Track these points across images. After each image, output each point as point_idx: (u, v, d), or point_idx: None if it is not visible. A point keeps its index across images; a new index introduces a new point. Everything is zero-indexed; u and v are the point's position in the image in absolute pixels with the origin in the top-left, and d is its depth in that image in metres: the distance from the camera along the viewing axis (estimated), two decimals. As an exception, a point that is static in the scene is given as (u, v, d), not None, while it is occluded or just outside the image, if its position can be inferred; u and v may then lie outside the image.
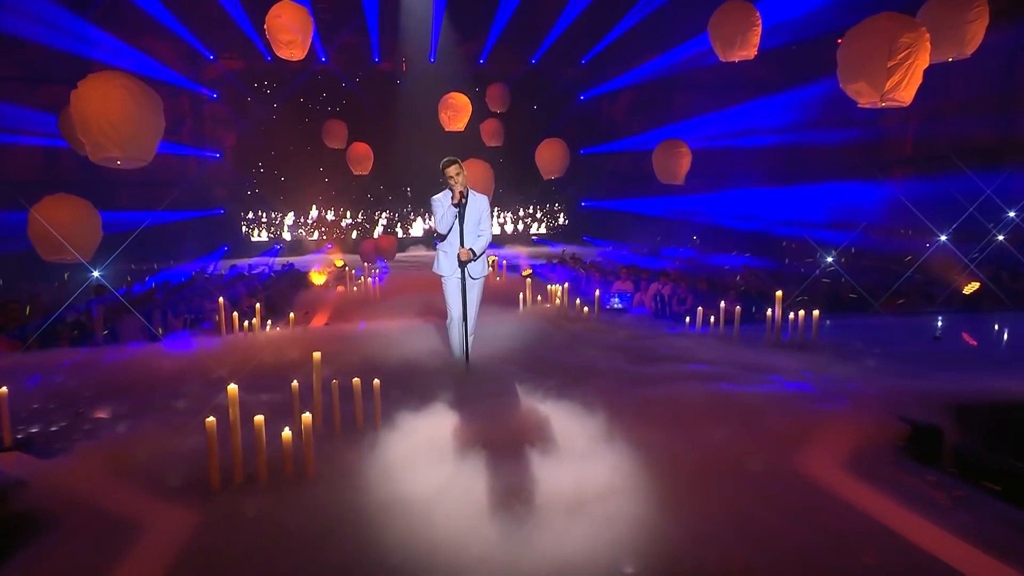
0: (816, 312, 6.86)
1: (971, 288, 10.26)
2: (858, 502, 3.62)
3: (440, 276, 6.20)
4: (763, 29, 8.84)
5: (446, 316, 6.29)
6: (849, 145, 16.00)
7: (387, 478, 3.85)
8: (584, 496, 3.56)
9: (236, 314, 7.82)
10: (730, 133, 16.95)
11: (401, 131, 18.23)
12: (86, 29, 14.40)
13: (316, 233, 20.57)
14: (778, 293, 6.95)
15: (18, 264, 9.97)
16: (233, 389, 3.98)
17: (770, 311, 7.00)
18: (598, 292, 9.14)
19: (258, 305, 7.99)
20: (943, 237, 11.39)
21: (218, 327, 7.95)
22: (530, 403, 4.95)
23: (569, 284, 9.85)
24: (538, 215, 21.96)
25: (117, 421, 4.79)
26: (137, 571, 3.14)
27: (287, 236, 20.32)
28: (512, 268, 13.65)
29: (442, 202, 5.96)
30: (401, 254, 17.91)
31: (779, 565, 3.08)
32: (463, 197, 5.86)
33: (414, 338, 7.26)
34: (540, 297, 9.31)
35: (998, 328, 8.16)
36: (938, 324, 8.16)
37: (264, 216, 20.22)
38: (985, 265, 10.56)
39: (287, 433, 3.98)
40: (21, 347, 7.36)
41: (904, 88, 5.89)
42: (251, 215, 20.06)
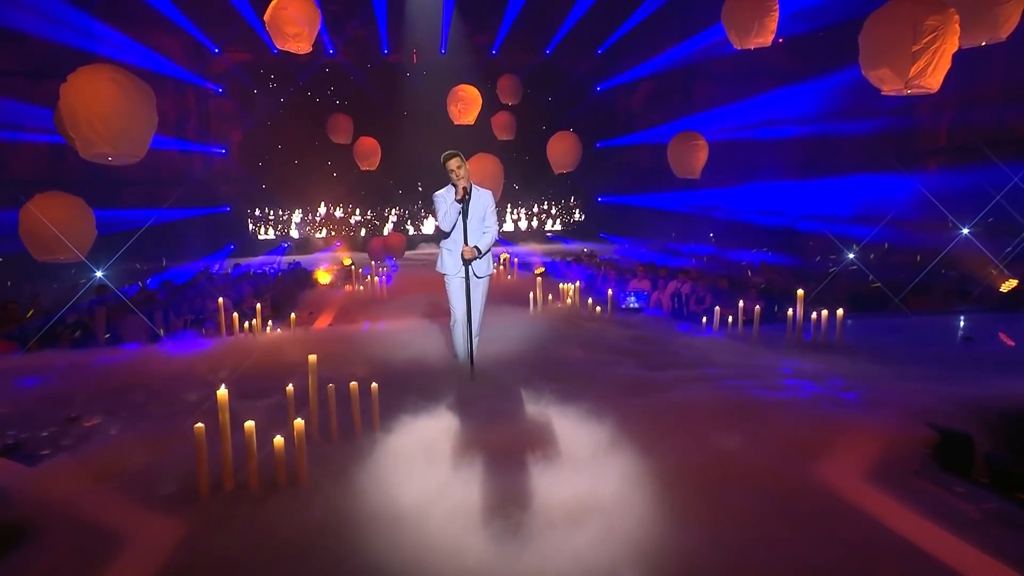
0: (840, 311, 6.71)
1: (1009, 286, 10.02)
2: (881, 515, 3.50)
3: (443, 275, 6.14)
4: (787, 14, 8.69)
5: (452, 317, 6.23)
6: (878, 135, 15.71)
7: (381, 486, 3.80)
8: (585, 507, 3.47)
9: (236, 315, 7.81)
10: (753, 124, 16.74)
11: (411, 125, 18.22)
12: (89, 23, 14.52)
13: (324, 231, 20.63)
14: (799, 292, 6.81)
15: (22, 264, 10.05)
16: (223, 394, 3.94)
17: (791, 310, 6.86)
18: (611, 291, 9.03)
19: (259, 306, 7.98)
20: (965, 231, 11.13)
21: (219, 328, 7.96)
22: (534, 409, 4.88)
23: (582, 283, 9.76)
24: (553, 211, 21.86)
25: (107, 426, 4.78)
26: (121, 584, 3.11)
27: (295, 234, 20.39)
28: (524, 266, 13.57)
29: (445, 198, 5.91)
30: (411, 252, 17.91)
31: (795, 582, 2.98)
32: (466, 193, 5.79)
33: (418, 340, 7.21)
34: (551, 296, 9.21)
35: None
36: (962, 323, 7.96)
37: (271, 213, 20.31)
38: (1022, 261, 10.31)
39: (279, 440, 3.94)
40: (18, 349, 7.40)
41: (931, 74, 5.72)
42: (258, 212, 20.15)
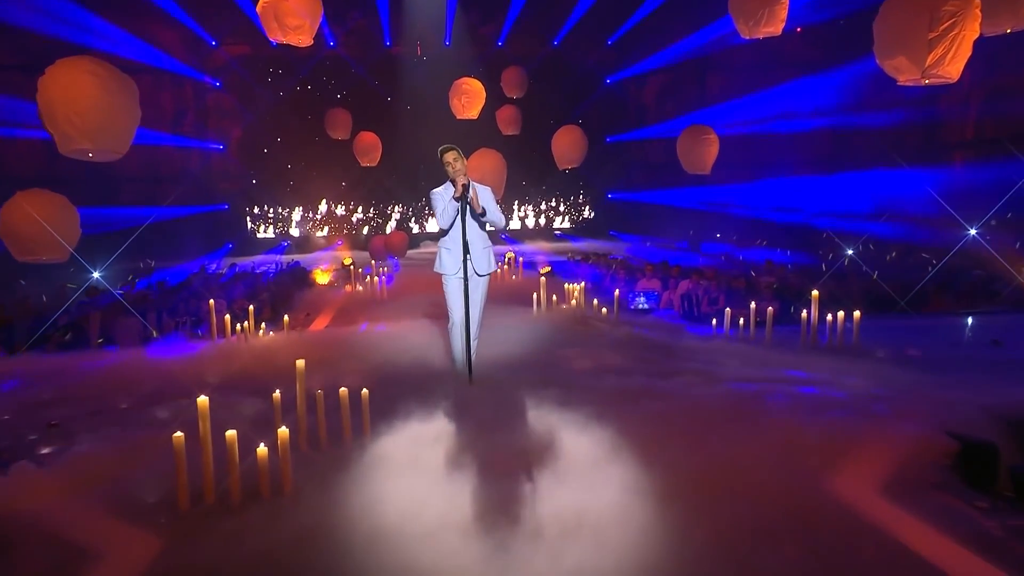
0: (856, 313, 6.59)
1: None
2: (896, 531, 3.40)
3: (441, 275, 6.07)
4: (804, 2, 8.56)
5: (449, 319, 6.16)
6: (900, 128, 15.49)
7: (367, 497, 3.75)
8: (581, 521, 3.41)
9: (228, 317, 7.77)
10: (770, 117, 16.57)
11: (414, 119, 18.15)
12: (82, 15, 14.55)
13: (325, 229, 20.62)
14: (814, 292, 6.70)
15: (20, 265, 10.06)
16: (203, 401, 3.89)
17: (805, 312, 6.75)
18: (618, 292, 8.94)
19: (251, 307, 7.94)
20: (972, 231, 10.94)
21: (211, 331, 7.92)
22: (532, 416, 4.83)
23: (589, 283, 9.66)
24: (561, 208, 21.74)
25: (86, 434, 4.74)
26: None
27: (295, 232, 20.38)
28: (530, 265, 13.49)
29: (442, 196, 5.84)
30: (414, 251, 17.85)
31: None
32: (465, 189, 5.70)
33: (416, 343, 7.16)
34: (556, 297, 9.13)
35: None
36: (969, 324, 7.81)
37: (270, 211, 20.31)
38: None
39: (262, 449, 3.88)
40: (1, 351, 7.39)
41: (949, 63, 5.58)
42: (257, 210, 20.16)
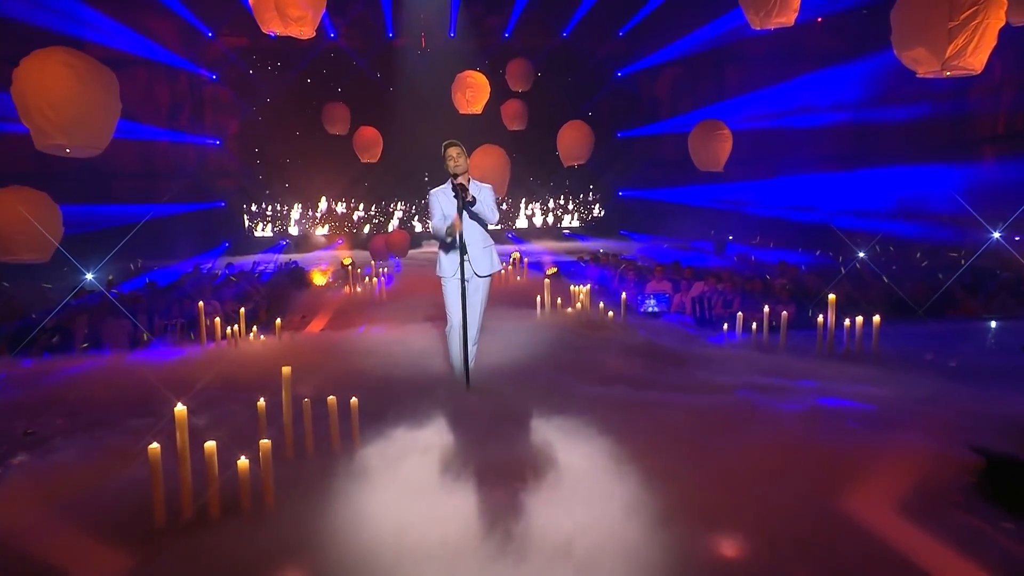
0: (876, 318, 6.47)
1: None
2: (914, 553, 3.30)
3: (440, 278, 6.02)
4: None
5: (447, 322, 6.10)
6: (926, 122, 15.31)
7: (355, 512, 3.69)
8: (578, 542, 3.32)
9: (218, 320, 7.72)
10: (788, 111, 16.43)
11: (418, 114, 18.08)
12: (75, 7, 14.57)
13: (326, 227, 20.59)
14: (831, 296, 6.58)
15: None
16: (181, 411, 3.82)
17: (821, 317, 6.64)
18: (624, 295, 8.84)
19: (242, 310, 7.89)
20: (996, 234, 10.76)
21: (200, 335, 7.88)
22: (529, 427, 4.76)
23: (595, 285, 9.57)
24: (570, 206, 21.64)
25: (61, 443, 4.68)
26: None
27: (293, 231, 20.37)
28: (535, 266, 13.40)
29: (440, 200, 5.85)
30: (416, 250, 17.79)
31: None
32: (464, 190, 5.63)
33: (413, 347, 7.12)
34: (560, 300, 9.04)
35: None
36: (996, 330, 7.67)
37: (269, 209, 20.30)
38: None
39: (243, 462, 3.82)
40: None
41: (972, 53, 5.45)
42: (254, 208, 20.16)
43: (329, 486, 3.98)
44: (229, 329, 7.60)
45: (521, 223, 21.27)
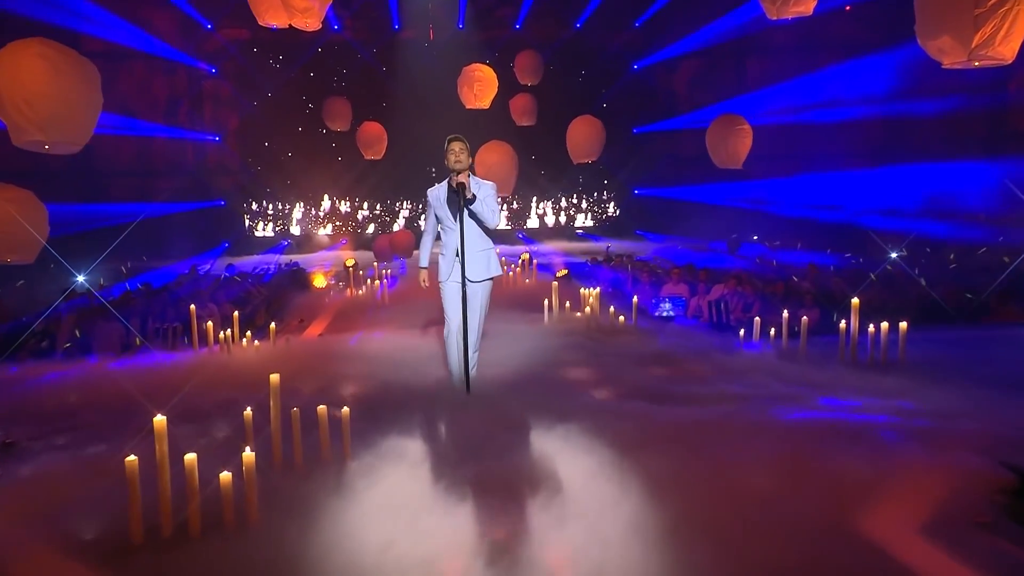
0: (903, 324, 6.35)
1: None
2: (938, 577, 3.20)
3: (439, 281, 6.00)
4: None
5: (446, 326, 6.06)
6: (961, 115, 15.08)
7: (344, 528, 3.66)
8: (580, 564, 3.25)
9: (211, 324, 7.71)
10: (812, 105, 16.25)
11: (424, 109, 18.06)
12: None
13: (329, 227, 20.61)
14: (854, 300, 6.47)
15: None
16: (160, 421, 3.79)
17: (843, 322, 6.53)
18: (636, 299, 8.76)
19: (235, 314, 7.88)
20: None
21: (192, 340, 7.88)
22: (529, 440, 4.71)
23: (608, 287, 9.50)
24: (583, 205, 21.55)
25: (38, 454, 4.67)
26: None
27: (295, 231, 20.41)
28: (544, 268, 13.34)
29: (440, 200, 5.82)
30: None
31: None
32: (463, 188, 5.58)
33: (412, 353, 7.12)
34: (569, 304, 8.98)
35: None
36: None
37: (270, 208, 20.35)
38: None
39: (226, 475, 3.78)
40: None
41: (1001, 42, 5.31)
42: (255, 207, 20.21)
43: (318, 500, 3.95)
44: (222, 334, 7.59)
45: (532, 223, 21.20)
